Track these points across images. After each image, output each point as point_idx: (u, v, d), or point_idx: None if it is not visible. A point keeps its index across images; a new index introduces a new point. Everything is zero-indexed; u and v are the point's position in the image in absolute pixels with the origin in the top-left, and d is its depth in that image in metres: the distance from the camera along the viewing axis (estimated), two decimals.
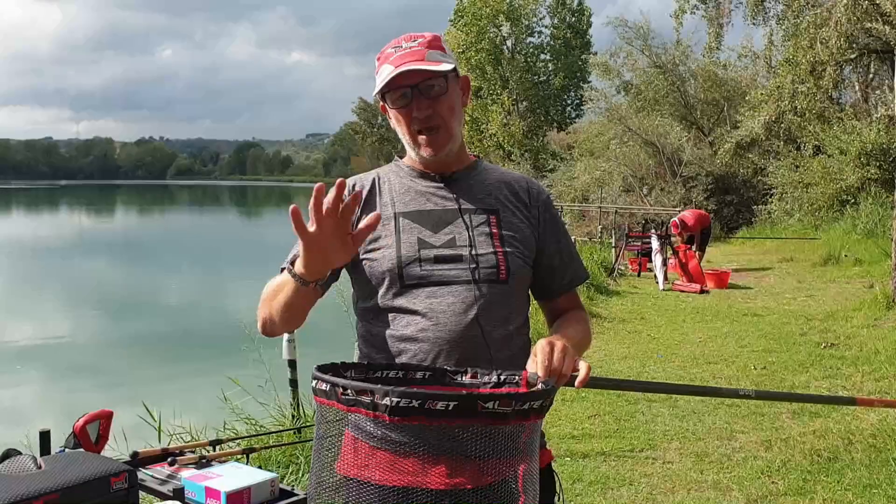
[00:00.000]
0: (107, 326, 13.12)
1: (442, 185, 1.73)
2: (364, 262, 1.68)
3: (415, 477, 1.38)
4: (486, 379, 1.57)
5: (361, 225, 1.45)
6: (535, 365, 1.47)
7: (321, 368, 1.49)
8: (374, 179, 1.77)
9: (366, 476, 1.40)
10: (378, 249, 1.66)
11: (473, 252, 1.65)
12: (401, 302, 1.63)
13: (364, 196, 1.72)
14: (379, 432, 1.44)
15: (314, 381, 1.38)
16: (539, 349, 1.49)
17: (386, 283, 1.64)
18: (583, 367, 1.49)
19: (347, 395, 1.30)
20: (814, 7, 17.92)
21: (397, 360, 1.62)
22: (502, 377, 1.56)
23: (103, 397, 7.48)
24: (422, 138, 1.67)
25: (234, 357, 6.24)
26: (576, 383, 1.49)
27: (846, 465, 4.25)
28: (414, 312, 1.61)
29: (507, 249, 1.67)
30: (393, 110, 1.69)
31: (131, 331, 12.36)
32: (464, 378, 1.58)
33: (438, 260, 1.64)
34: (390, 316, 1.64)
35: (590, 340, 1.81)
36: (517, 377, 1.53)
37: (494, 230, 1.68)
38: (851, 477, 4.09)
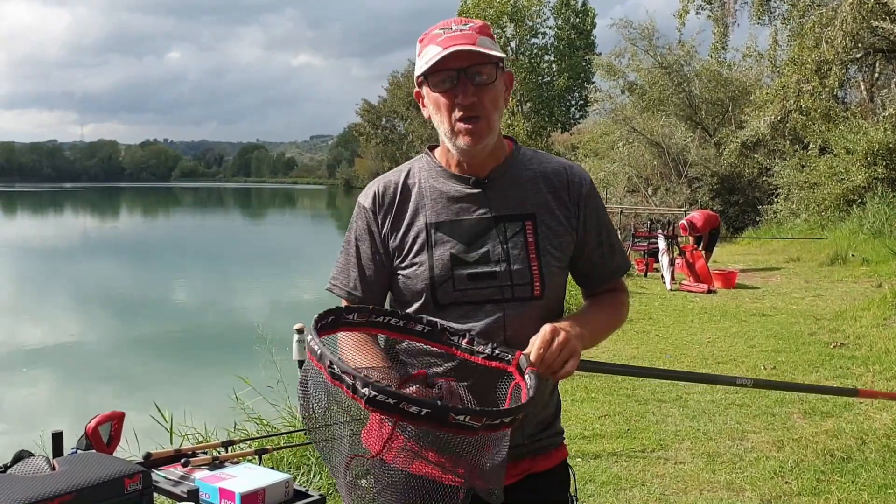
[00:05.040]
0: (117, 328, 13.13)
1: (476, 189, 1.66)
2: (398, 277, 1.67)
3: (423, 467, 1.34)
4: (480, 348, 1.57)
5: None
6: (532, 348, 1.48)
7: (322, 317, 1.48)
8: (404, 178, 1.71)
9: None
10: (411, 266, 1.65)
11: (507, 268, 1.62)
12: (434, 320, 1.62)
13: (397, 202, 1.68)
14: None
15: (309, 339, 1.36)
16: (540, 335, 1.49)
17: (420, 301, 1.64)
18: (569, 364, 1.48)
19: (333, 370, 1.30)
20: (819, 6, 17.88)
21: (428, 371, 1.60)
22: (496, 351, 1.55)
23: (115, 398, 7.51)
24: (461, 125, 1.59)
25: (244, 358, 6.24)
26: (553, 377, 1.51)
27: (860, 465, 4.23)
28: None
29: (544, 259, 1.64)
30: (434, 94, 1.60)
31: (142, 332, 12.37)
32: (461, 341, 1.58)
33: (472, 278, 1.62)
34: None
35: (619, 322, 1.78)
36: (510, 356, 1.53)
37: (530, 239, 1.64)
38: (866, 477, 4.07)
